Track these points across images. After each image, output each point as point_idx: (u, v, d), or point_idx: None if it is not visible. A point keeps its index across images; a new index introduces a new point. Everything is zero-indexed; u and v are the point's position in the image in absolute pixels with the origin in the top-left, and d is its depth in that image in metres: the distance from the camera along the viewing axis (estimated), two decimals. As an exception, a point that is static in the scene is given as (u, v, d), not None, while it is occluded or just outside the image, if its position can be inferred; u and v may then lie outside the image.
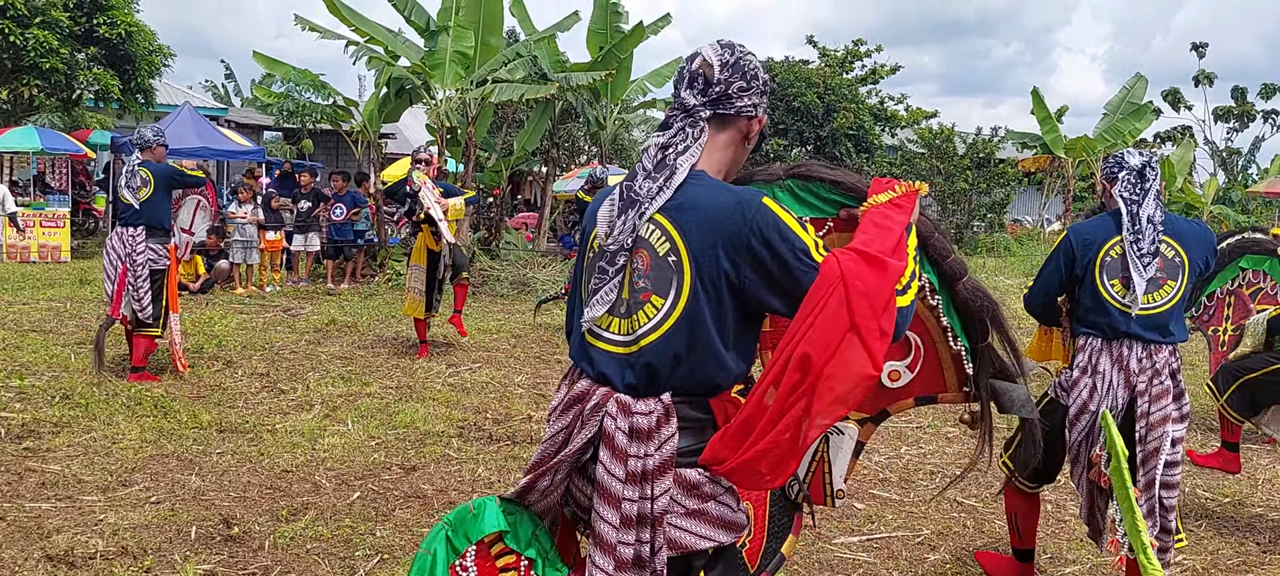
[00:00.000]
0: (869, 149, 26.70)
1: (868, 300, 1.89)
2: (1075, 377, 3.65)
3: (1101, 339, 3.62)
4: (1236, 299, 5.30)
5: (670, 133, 2.11)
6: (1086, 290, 3.65)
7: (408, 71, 15.15)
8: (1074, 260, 3.66)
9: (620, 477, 1.98)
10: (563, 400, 2.14)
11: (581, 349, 2.14)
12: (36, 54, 17.10)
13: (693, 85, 2.13)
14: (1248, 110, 35.84)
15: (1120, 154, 3.78)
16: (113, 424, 6.16)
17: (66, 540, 4.24)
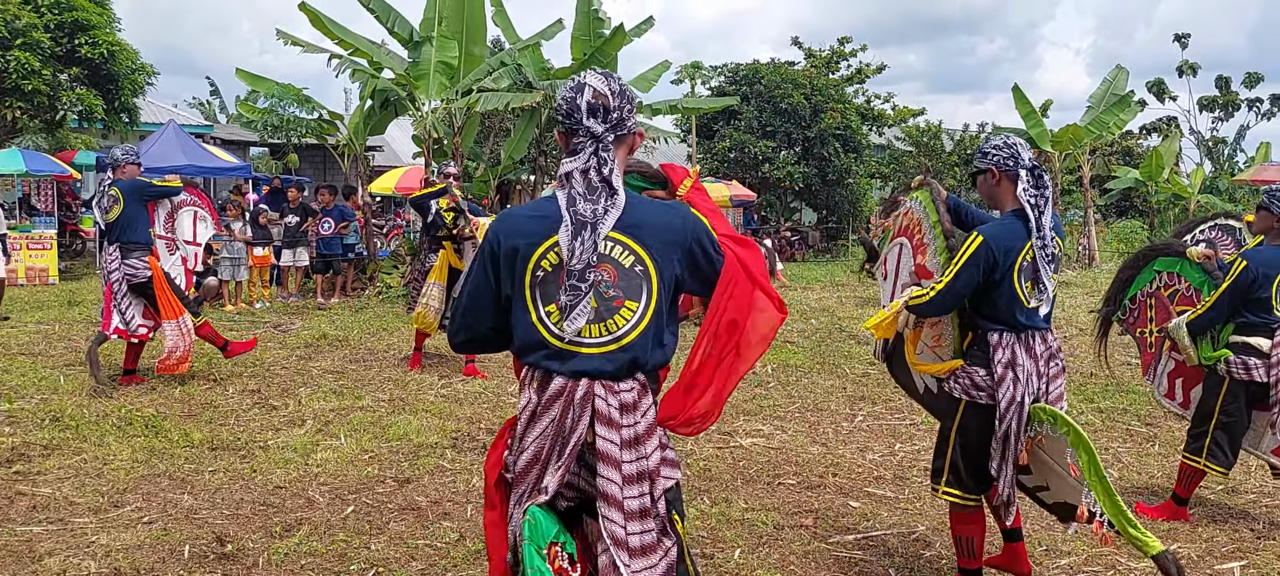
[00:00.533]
0: (857, 148, 26.75)
1: (758, 268, 2.54)
2: (1000, 375, 3.74)
3: (1013, 335, 3.76)
4: (1156, 301, 5.43)
5: (587, 157, 2.43)
6: (1003, 292, 3.73)
7: (392, 83, 15.13)
8: (996, 265, 3.70)
9: (617, 443, 2.38)
10: (538, 402, 2.43)
11: (551, 354, 2.43)
12: (18, 76, 17.00)
13: (595, 115, 2.45)
14: (1232, 99, 36.05)
15: (1014, 145, 3.82)
16: (103, 445, 6.13)
17: (59, 563, 4.21)
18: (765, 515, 5.01)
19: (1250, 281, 4.77)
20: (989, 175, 3.85)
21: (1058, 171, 23.88)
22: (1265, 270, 4.78)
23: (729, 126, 26.45)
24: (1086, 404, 7.63)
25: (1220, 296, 4.85)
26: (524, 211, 2.52)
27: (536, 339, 2.45)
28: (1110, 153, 30.35)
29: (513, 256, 2.45)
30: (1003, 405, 3.73)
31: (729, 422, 7.01)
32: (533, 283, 2.43)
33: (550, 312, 2.43)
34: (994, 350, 3.76)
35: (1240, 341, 4.89)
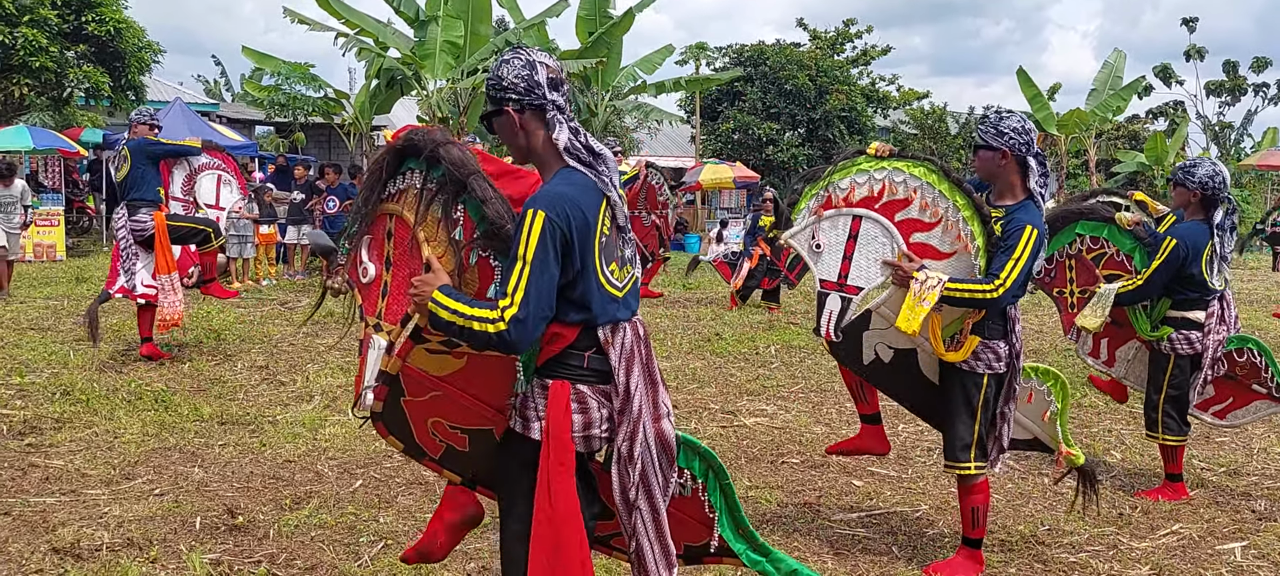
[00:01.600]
0: (861, 130, 26.72)
1: None
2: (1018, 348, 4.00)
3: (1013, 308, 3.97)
4: (1078, 262, 5.45)
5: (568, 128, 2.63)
6: None
7: (398, 63, 15.16)
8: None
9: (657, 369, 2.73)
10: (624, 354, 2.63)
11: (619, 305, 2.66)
12: (26, 52, 17.04)
13: (556, 88, 2.63)
14: (1239, 84, 35.88)
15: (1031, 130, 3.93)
16: (114, 418, 6.19)
17: (72, 533, 4.26)
18: (769, 493, 5.06)
19: (1182, 259, 4.89)
20: (1000, 155, 3.90)
21: (1064, 155, 23.85)
22: (1194, 247, 4.91)
23: (733, 108, 26.43)
24: (1090, 387, 7.65)
25: (1153, 274, 4.95)
26: (570, 190, 2.54)
27: (608, 297, 2.63)
28: (1117, 137, 30.28)
29: (585, 233, 2.54)
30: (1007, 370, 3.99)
31: (733, 402, 7.06)
32: (600, 249, 2.60)
33: (612, 270, 2.64)
34: (1014, 323, 3.95)
35: (1179, 316, 5.03)
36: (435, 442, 3.00)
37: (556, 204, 2.50)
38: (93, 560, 4.03)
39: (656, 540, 2.68)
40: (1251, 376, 5.14)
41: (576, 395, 2.60)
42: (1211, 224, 4.96)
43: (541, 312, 2.48)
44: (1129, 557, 4.33)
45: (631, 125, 25.62)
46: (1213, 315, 5.01)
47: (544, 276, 2.47)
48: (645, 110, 20.02)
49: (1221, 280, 5.05)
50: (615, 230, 2.65)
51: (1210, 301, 5.02)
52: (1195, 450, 5.98)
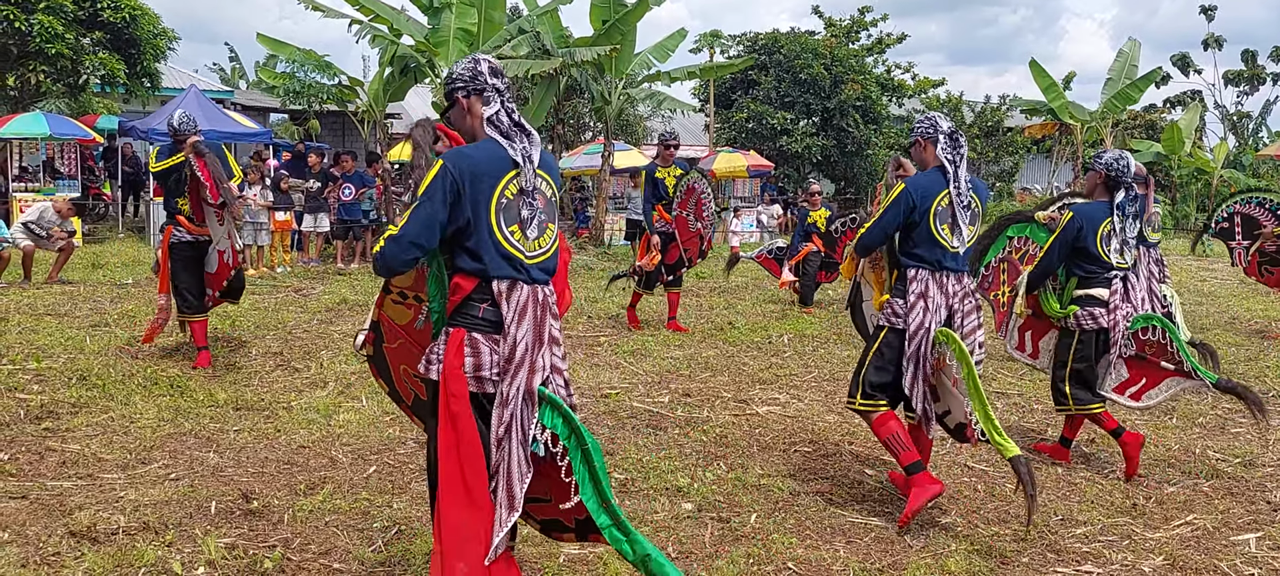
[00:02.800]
0: (876, 120, 26.61)
1: None
2: (912, 303, 4.47)
3: (928, 271, 4.49)
4: (1009, 265, 5.89)
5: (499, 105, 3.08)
6: (922, 233, 4.48)
7: (412, 50, 15.16)
8: (914, 208, 4.46)
9: (555, 330, 3.10)
10: (514, 307, 2.98)
11: (516, 266, 3.01)
12: (41, 39, 17.10)
13: (496, 76, 3.12)
14: (1258, 73, 35.55)
15: (934, 118, 4.65)
16: (130, 404, 6.23)
17: (89, 516, 4.30)
18: (781, 481, 5.06)
19: (1076, 230, 5.24)
20: (917, 144, 4.67)
21: (1079, 145, 23.70)
22: (1089, 220, 5.24)
23: (747, 96, 26.34)
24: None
25: (1051, 246, 5.34)
26: (475, 152, 3.00)
27: (504, 254, 2.99)
28: (1134, 126, 30.06)
29: (476, 188, 2.95)
30: (912, 328, 4.45)
31: (745, 391, 7.06)
32: (497, 209, 2.98)
33: (513, 232, 3.00)
34: (910, 283, 4.50)
35: (1084, 294, 5.32)
36: (407, 390, 3.43)
37: (457, 158, 2.97)
38: (109, 543, 4.07)
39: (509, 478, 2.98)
40: (1159, 354, 5.32)
41: (469, 341, 2.99)
42: (1113, 204, 5.28)
43: (416, 238, 2.91)
44: (1142, 548, 4.32)
45: (645, 113, 25.57)
46: (1116, 293, 5.27)
47: (426, 209, 2.90)
48: (659, 98, 19.99)
49: (1122, 259, 5.31)
50: (520, 195, 3.02)
51: (1112, 279, 5.27)
52: (1210, 442, 5.95)
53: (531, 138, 3.08)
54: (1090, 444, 5.88)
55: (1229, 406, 6.81)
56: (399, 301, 3.24)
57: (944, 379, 4.48)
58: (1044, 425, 6.27)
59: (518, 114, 3.09)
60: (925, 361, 4.47)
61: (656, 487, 4.93)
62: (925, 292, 4.47)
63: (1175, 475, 5.33)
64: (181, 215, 7.33)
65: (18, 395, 6.38)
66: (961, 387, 4.36)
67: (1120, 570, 4.09)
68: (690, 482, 4.99)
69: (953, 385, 4.41)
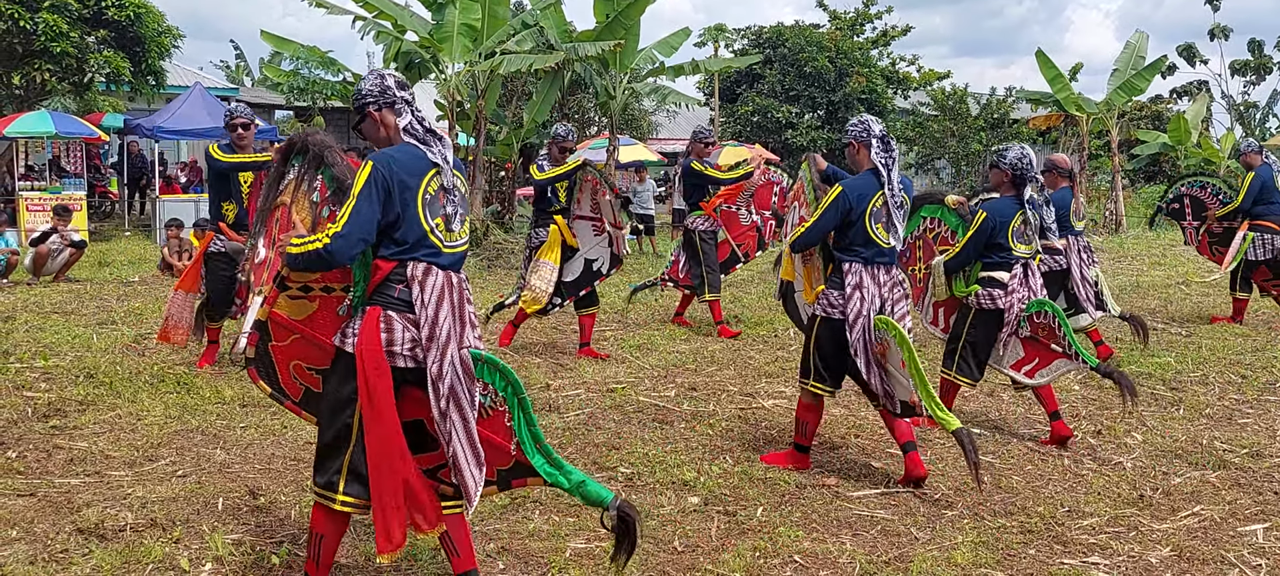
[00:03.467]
0: (882, 113, 26.56)
1: None
2: (849, 294, 4.84)
3: (862, 264, 4.85)
4: (923, 243, 6.40)
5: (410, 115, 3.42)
6: (857, 232, 4.85)
7: (416, 46, 15.15)
8: (851, 209, 4.83)
9: (472, 314, 3.42)
10: (431, 290, 3.29)
11: (435, 253, 3.33)
12: (47, 37, 17.13)
13: (403, 89, 3.45)
14: (1264, 63, 35.40)
15: (866, 122, 5.01)
16: (137, 401, 6.25)
17: (96, 514, 4.31)
18: (787, 474, 5.06)
19: (990, 228, 5.63)
20: (851, 146, 5.04)
21: (1086, 136, 23.62)
22: (1001, 218, 5.63)
23: (752, 90, 26.32)
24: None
25: (968, 242, 5.73)
26: (398, 154, 3.32)
27: (427, 243, 3.32)
28: (1140, 117, 29.95)
29: (404, 187, 3.28)
30: (851, 318, 4.83)
31: (751, 384, 7.05)
32: (423, 204, 3.31)
33: (437, 224, 3.34)
34: (846, 275, 4.86)
35: (987, 276, 5.73)
36: (296, 386, 3.59)
37: (383, 159, 3.27)
38: (117, 540, 4.08)
39: (468, 445, 3.26)
40: (1049, 337, 5.69)
41: (385, 318, 3.28)
42: (1021, 200, 5.64)
43: (359, 234, 3.19)
44: (1149, 539, 4.31)
45: (650, 108, 25.55)
46: (1015, 277, 5.69)
47: (365, 208, 3.19)
48: (663, 93, 19.98)
49: (1027, 249, 5.72)
50: (442, 192, 3.37)
51: (1013, 265, 5.68)
52: (1217, 432, 5.94)
53: (444, 141, 3.46)
54: (1097, 436, 5.87)
55: (1237, 397, 6.79)
56: (300, 295, 3.46)
57: (888, 363, 4.81)
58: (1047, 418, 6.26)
59: (428, 121, 3.44)
60: (870, 347, 4.82)
61: (663, 481, 4.93)
62: (860, 284, 4.83)
63: (1182, 466, 5.32)
64: (224, 222, 6.97)
65: (25, 393, 6.41)
66: (903, 370, 4.70)
67: (1127, 561, 4.09)
68: (696, 476, 4.99)
69: (898, 367, 4.74)
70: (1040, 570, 3.99)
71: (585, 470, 5.05)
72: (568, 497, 4.62)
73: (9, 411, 5.98)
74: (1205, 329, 9.37)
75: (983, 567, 4.01)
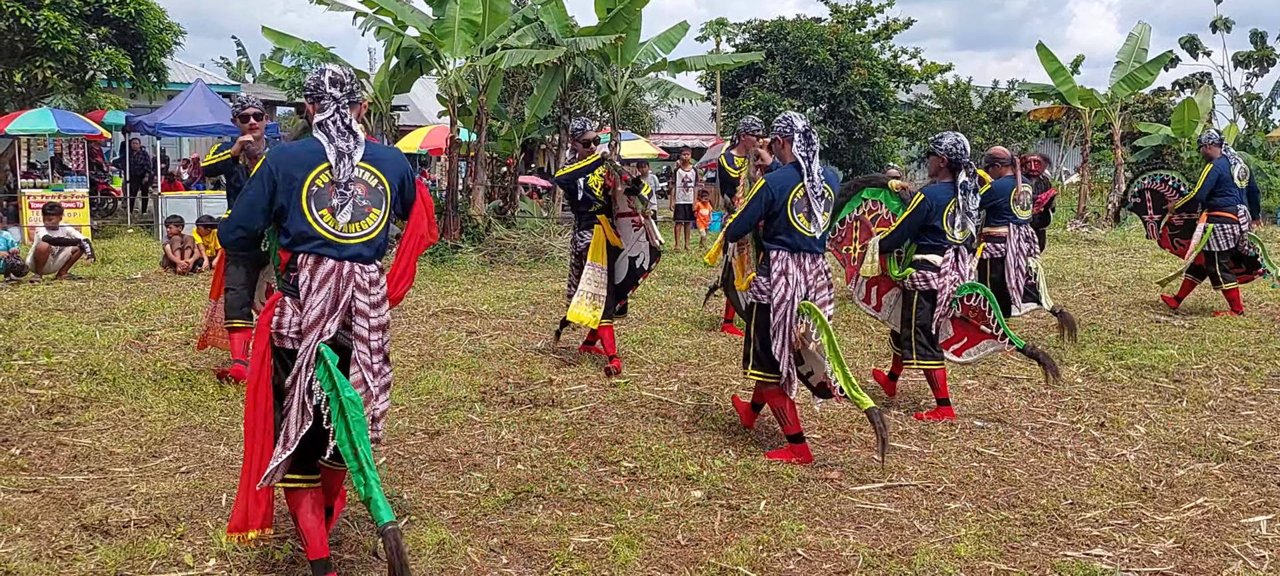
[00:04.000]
0: (884, 106, 26.51)
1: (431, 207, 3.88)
2: (774, 280, 5.11)
3: (788, 253, 5.13)
4: (861, 224, 6.61)
5: (332, 111, 3.58)
6: (781, 222, 5.11)
7: (417, 41, 15.12)
8: (773, 200, 5.09)
9: (369, 305, 3.57)
10: (317, 278, 3.49)
11: (323, 244, 3.50)
12: (48, 35, 17.12)
13: (336, 86, 3.61)
14: (1267, 55, 35.29)
15: (790, 118, 5.25)
16: (140, 398, 6.26)
17: (100, 510, 4.32)
18: (790, 467, 5.06)
19: (926, 211, 5.95)
20: (776, 141, 5.30)
21: (1088, 129, 23.57)
22: (937, 202, 5.95)
23: (753, 84, 26.27)
24: (1115, 361, 7.61)
25: (903, 222, 6.08)
26: (296, 148, 3.57)
27: (311, 233, 3.49)
28: (1143, 109, 29.87)
29: (290, 179, 3.49)
30: (775, 302, 5.10)
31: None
32: (308, 195, 3.49)
33: (323, 215, 3.49)
34: (773, 263, 5.14)
35: (920, 259, 6.04)
36: None
37: (275, 155, 3.58)
38: (121, 536, 4.09)
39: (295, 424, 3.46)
40: (979, 319, 6.01)
41: (281, 303, 3.54)
42: (956, 185, 5.95)
43: (240, 221, 3.58)
44: (1152, 531, 4.31)
45: (651, 103, 25.52)
46: (948, 261, 5.99)
47: (249, 195, 3.54)
48: (665, 88, 19.94)
49: (961, 233, 6.03)
50: (331, 185, 3.51)
51: (946, 249, 5.99)
52: (1220, 424, 5.93)
53: (356, 138, 3.61)
54: (1100, 429, 5.87)
55: (1240, 389, 6.79)
56: None
57: (807, 345, 5.11)
58: (1053, 409, 6.26)
59: (350, 118, 3.60)
60: (790, 331, 5.10)
61: (666, 475, 4.93)
62: (786, 271, 5.13)
63: (1185, 458, 5.31)
64: None
65: (29, 390, 6.42)
66: (822, 352, 5.01)
67: (1130, 554, 4.08)
68: (699, 470, 4.99)
69: (816, 350, 5.06)
70: (1043, 562, 3.99)
71: (588, 465, 5.07)
72: (572, 494, 4.64)
73: (13, 408, 5.99)
74: (1208, 321, 9.36)
75: (986, 560, 4.01)
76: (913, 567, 3.92)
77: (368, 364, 3.56)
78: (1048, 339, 8.31)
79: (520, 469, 5.02)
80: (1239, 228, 9.59)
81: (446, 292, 10.95)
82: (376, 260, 3.62)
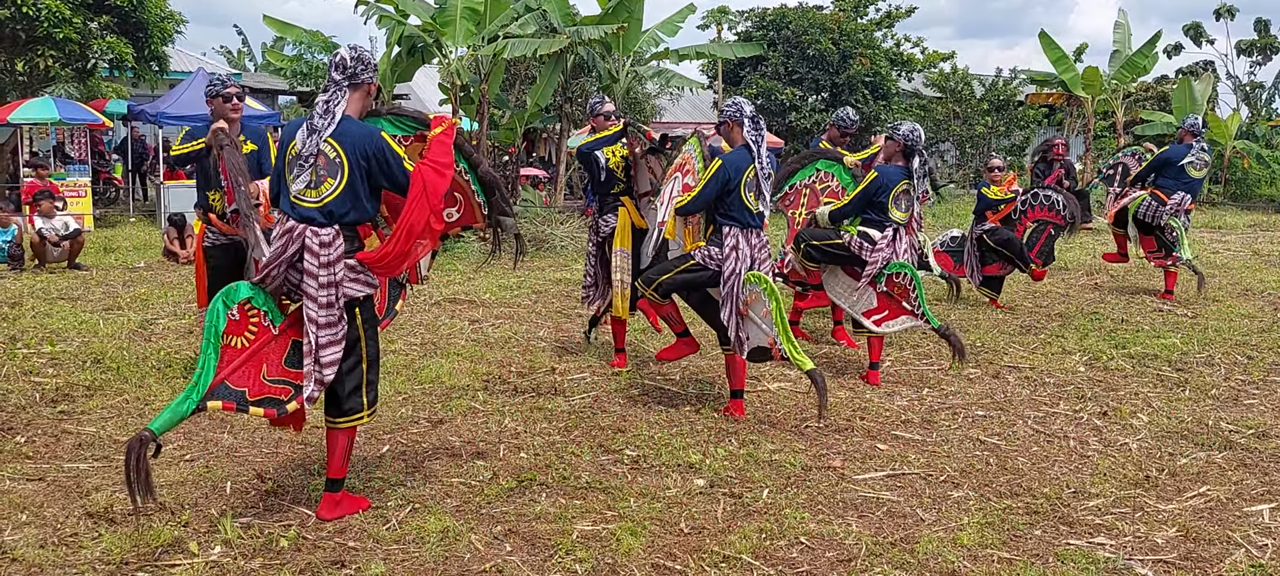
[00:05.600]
0: (886, 95, 26.44)
1: (436, 192, 4.06)
2: (727, 253, 5.54)
3: (739, 228, 5.56)
4: (811, 192, 7.21)
5: (328, 94, 4.05)
6: (734, 200, 5.54)
7: (419, 30, 15.10)
8: (729, 181, 5.50)
9: (317, 266, 3.97)
10: (278, 232, 4.05)
11: (289, 205, 4.05)
12: (49, 24, 17.10)
13: (336, 70, 4.07)
14: (1270, 43, 35.18)
15: (739, 103, 5.67)
16: (144, 386, 6.27)
17: (105, 498, 4.34)
18: (793, 456, 5.07)
19: (876, 188, 6.42)
20: (726, 125, 5.69)
21: (1090, 116, 23.53)
22: (888, 182, 6.41)
23: (755, 73, 26.22)
24: (1117, 349, 7.61)
25: (855, 196, 6.57)
26: (296, 123, 4.11)
27: (286, 194, 4.07)
28: (1145, 97, 29.80)
29: (283, 147, 4.09)
30: (726, 273, 5.53)
31: (756, 367, 7.04)
32: (288, 162, 4.04)
33: (290, 179, 4.03)
34: (725, 237, 5.56)
35: (863, 231, 6.55)
36: None
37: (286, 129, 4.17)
38: (126, 524, 4.10)
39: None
40: (902, 295, 6.49)
41: None
42: (909, 169, 6.46)
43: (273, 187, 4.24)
44: (1155, 519, 4.32)
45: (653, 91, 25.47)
46: (886, 238, 6.45)
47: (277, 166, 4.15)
48: (667, 76, 19.91)
49: (902, 216, 6.49)
50: (299, 155, 4.00)
51: (887, 226, 6.45)
52: (1223, 413, 5.94)
53: (333, 117, 4.04)
54: (1103, 417, 5.87)
55: (1243, 378, 6.79)
56: None
57: (752, 314, 5.52)
58: (1056, 397, 6.27)
59: (338, 100, 4.04)
60: (738, 299, 5.53)
61: (669, 464, 4.94)
62: (737, 246, 5.54)
63: (1188, 447, 5.32)
64: (213, 212, 6.21)
65: (33, 379, 6.43)
66: (769, 319, 5.40)
67: (1133, 542, 4.09)
68: (702, 459, 5.00)
69: (761, 317, 5.47)
70: (1046, 551, 4.00)
71: (591, 453, 5.09)
72: (575, 484, 4.65)
73: (17, 397, 6.01)
74: (1211, 309, 9.36)
75: (988, 548, 4.02)
76: (915, 556, 3.93)
77: (314, 318, 3.96)
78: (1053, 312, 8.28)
79: (523, 457, 5.03)
80: (1161, 208, 9.83)
81: (449, 282, 10.96)
82: (332, 226, 3.98)
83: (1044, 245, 9.61)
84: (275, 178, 4.18)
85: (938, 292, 9.74)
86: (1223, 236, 16.57)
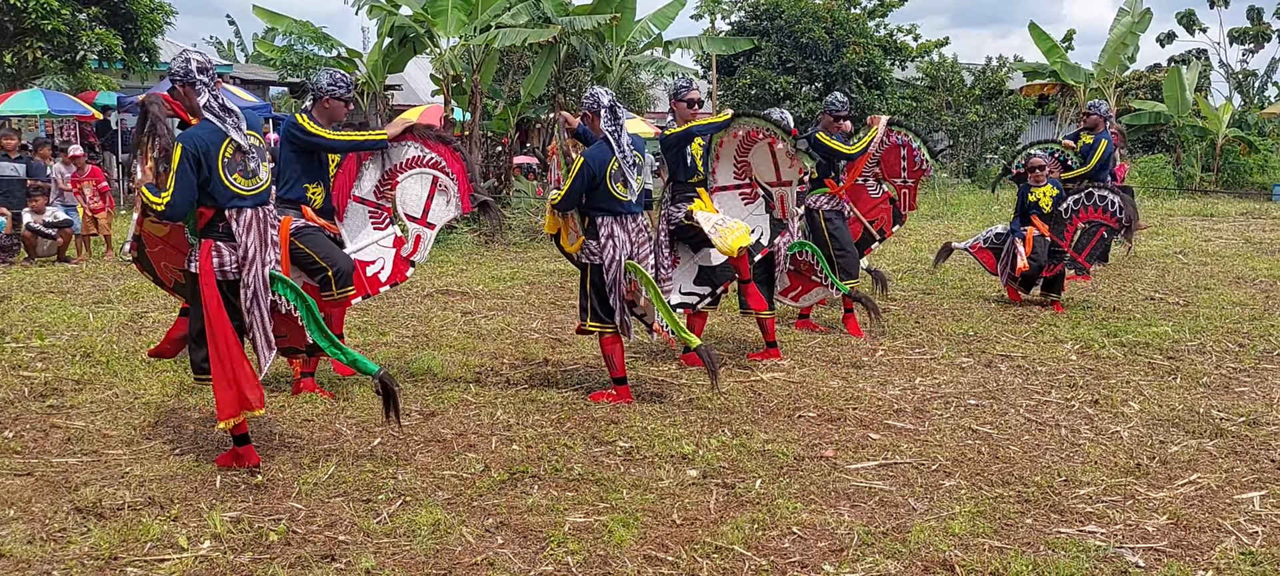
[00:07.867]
0: (880, 84, 26.40)
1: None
2: (604, 243, 5.69)
3: (612, 218, 5.70)
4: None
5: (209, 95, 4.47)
6: (601, 193, 5.65)
7: (410, 20, 15.03)
8: (594, 176, 5.59)
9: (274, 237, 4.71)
10: (244, 227, 4.53)
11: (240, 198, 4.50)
12: (38, 15, 17.02)
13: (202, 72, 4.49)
14: (1263, 31, 35.21)
15: (596, 94, 5.75)
16: (134, 380, 6.24)
17: (94, 492, 4.32)
18: (786, 446, 5.06)
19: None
20: (587, 116, 5.86)
21: (1083, 104, 23.51)
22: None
23: (749, 63, 26.16)
24: (1109, 338, 7.61)
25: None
26: (199, 131, 4.41)
27: (232, 194, 4.49)
28: (1138, 86, 29.81)
29: (206, 156, 4.40)
30: (606, 263, 5.68)
31: (749, 357, 7.05)
32: (222, 166, 4.43)
33: (236, 178, 4.47)
34: (600, 228, 5.70)
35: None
36: (169, 277, 5.10)
37: (188, 138, 4.39)
38: (115, 519, 4.08)
39: (262, 332, 4.66)
40: (809, 271, 7.35)
41: (215, 248, 4.51)
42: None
43: (183, 201, 4.39)
44: (1146, 507, 4.32)
45: (647, 81, 25.44)
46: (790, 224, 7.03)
47: (182, 180, 4.35)
48: (662, 65, 19.85)
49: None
50: (238, 154, 4.48)
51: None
52: (1214, 401, 5.94)
53: (236, 115, 4.51)
54: (1094, 405, 5.88)
55: (1234, 365, 6.80)
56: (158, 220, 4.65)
57: (639, 298, 5.76)
58: (1047, 386, 6.27)
59: (222, 98, 4.47)
60: (621, 286, 5.70)
61: (661, 455, 4.93)
62: (612, 234, 5.68)
63: (1179, 435, 5.33)
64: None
65: (21, 373, 6.40)
66: (650, 302, 5.70)
67: (1124, 530, 4.09)
68: (695, 449, 5.00)
69: (645, 304, 5.74)
70: (1037, 539, 4.00)
71: (584, 445, 5.08)
72: (567, 476, 4.65)
73: (5, 391, 5.97)
74: (1203, 298, 9.37)
75: (980, 537, 4.01)
76: (907, 545, 3.93)
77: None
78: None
79: (515, 449, 5.02)
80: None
81: (441, 273, 10.93)
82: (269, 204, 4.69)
83: (1096, 247, 9.10)
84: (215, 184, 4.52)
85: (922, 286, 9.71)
86: (1215, 224, 16.59)
